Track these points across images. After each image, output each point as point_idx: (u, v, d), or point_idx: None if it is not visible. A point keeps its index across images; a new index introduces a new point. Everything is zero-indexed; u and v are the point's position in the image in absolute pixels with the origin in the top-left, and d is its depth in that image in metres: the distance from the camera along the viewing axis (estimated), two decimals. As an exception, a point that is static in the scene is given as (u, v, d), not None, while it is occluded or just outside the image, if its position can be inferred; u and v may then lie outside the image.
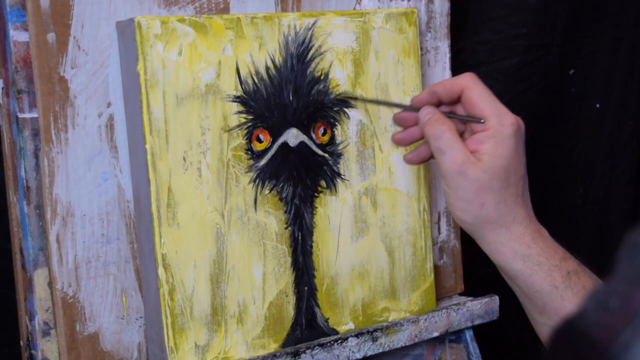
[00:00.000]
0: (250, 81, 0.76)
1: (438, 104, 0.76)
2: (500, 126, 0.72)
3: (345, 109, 0.82)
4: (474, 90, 0.74)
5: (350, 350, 0.81)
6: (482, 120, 0.73)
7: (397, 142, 0.79)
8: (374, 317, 0.85)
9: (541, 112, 1.07)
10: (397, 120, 0.79)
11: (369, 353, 0.83)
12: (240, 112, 0.76)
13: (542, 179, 1.09)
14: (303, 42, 0.79)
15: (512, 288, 0.79)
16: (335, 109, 0.81)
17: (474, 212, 0.73)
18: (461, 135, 0.76)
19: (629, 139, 1.12)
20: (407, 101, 0.83)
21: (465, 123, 0.75)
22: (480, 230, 0.74)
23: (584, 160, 1.10)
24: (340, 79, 0.82)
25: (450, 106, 0.77)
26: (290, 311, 0.80)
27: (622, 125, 1.11)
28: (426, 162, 0.80)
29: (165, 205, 0.72)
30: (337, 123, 0.82)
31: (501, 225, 0.73)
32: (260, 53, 0.77)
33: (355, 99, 0.81)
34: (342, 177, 0.82)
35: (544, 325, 0.76)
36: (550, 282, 0.73)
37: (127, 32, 0.72)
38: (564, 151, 1.10)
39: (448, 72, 0.94)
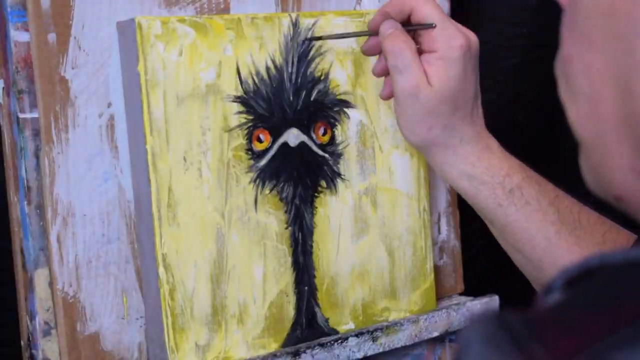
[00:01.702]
0: (250, 81, 0.77)
1: None
2: (448, 48, 0.72)
3: (346, 109, 0.82)
4: (424, 10, 0.73)
5: (350, 350, 0.81)
6: (433, 25, 0.72)
7: (365, 51, 0.78)
8: (374, 317, 0.85)
9: (541, 112, 1.07)
10: (366, 52, 0.78)
11: (369, 353, 0.83)
12: (240, 112, 0.76)
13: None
14: (303, 42, 0.79)
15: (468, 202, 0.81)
16: (335, 109, 0.82)
17: (421, 134, 0.73)
18: None
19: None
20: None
21: (416, 38, 0.74)
22: (428, 150, 0.75)
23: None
24: (341, 79, 0.82)
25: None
26: (290, 311, 0.80)
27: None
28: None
29: (165, 205, 0.72)
30: (337, 123, 0.82)
31: (448, 147, 0.74)
32: (260, 53, 0.77)
33: (320, 38, 0.79)
34: (342, 177, 0.82)
35: (497, 237, 0.78)
36: (494, 200, 0.75)
37: (128, 32, 0.72)
38: (564, 151, 1.10)
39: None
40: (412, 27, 0.73)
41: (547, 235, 0.75)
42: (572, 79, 0.43)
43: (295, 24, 0.79)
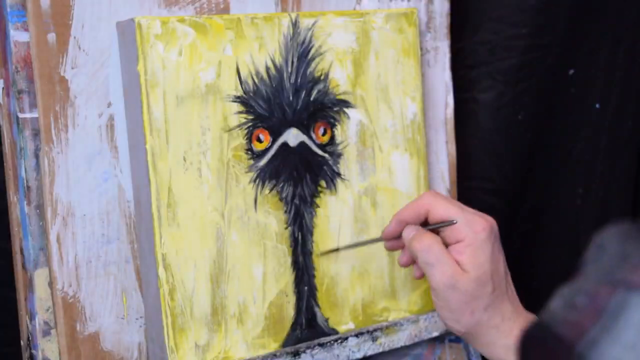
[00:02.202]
0: (250, 81, 0.77)
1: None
2: (473, 234, 0.74)
3: (345, 109, 0.82)
4: (439, 208, 0.76)
5: (350, 350, 0.81)
6: (455, 221, 0.75)
7: (388, 248, 0.81)
8: (374, 317, 0.85)
9: (541, 112, 1.07)
10: (389, 248, 0.81)
11: (369, 353, 0.83)
12: (240, 112, 0.76)
13: (541, 179, 1.09)
14: (303, 42, 0.79)
15: None
16: (335, 109, 0.82)
17: (465, 320, 0.76)
18: None
19: (629, 139, 1.12)
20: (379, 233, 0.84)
21: (439, 233, 0.77)
22: (472, 335, 0.77)
23: (583, 160, 1.10)
24: (340, 79, 0.82)
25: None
26: (290, 311, 0.80)
27: (622, 125, 1.11)
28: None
29: (165, 205, 0.72)
30: (337, 123, 0.82)
31: (491, 327, 0.76)
32: (260, 53, 0.77)
33: (337, 250, 0.82)
34: (342, 177, 0.82)
35: None
36: None
37: (128, 32, 0.72)
38: (563, 151, 1.10)
39: (448, 72, 0.94)
40: (434, 226, 0.76)
41: None
42: None
43: (295, 24, 0.79)
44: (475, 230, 0.75)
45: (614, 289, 0.38)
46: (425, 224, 0.77)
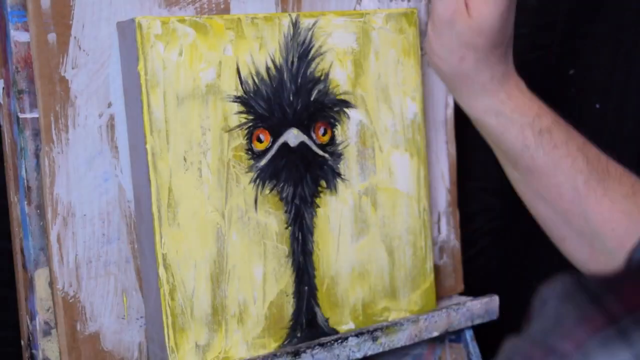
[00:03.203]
0: (250, 81, 0.77)
1: None
2: None
3: (346, 109, 0.82)
4: None
5: (350, 349, 0.81)
6: None
7: None
8: (374, 317, 0.85)
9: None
10: None
11: (369, 353, 0.83)
12: (240, 113, 0.76)
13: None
14: (303, 42, 0.79)
15: (487, 141, 0.76)
16: (335, 109, 0.82)
17: (452, 64, 0.71)
18: None
19: (629, 139, 1.12)
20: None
21: None
22: (455, 82, 0.72)
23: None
24: (341, 79, 0.82)
25: None
26: (290, 311, 0.80)
27: (622, 125, 1.11)
28: None
29: (165, 205, 0.72)
30: (337, 123, 0.82)
31: (476, 82, 0.71)
32: (260, 53, 0.77)
33: None
34: (342, 177, 0.82)
35: (518, 182, 0.74)
36: (522, 140, 0.71)
37: (128, 32, 0.72)
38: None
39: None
40: None
41: (575, 185, 0.71)
42: None
43: (295, 24, 0.79)
44: None
45: (546, 356, 0.37)
46: None
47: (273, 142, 0.78)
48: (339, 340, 0.81)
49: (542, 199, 0.72)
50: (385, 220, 0.85)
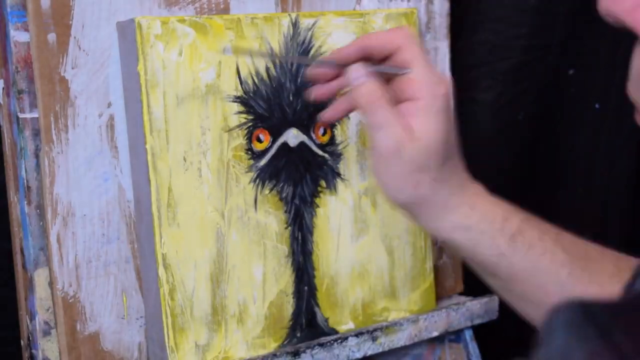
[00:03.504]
0: (250, 81, 0.77)
1: (363, 59, 0.69)
2: (433, 99, 0.65)
3: (345, 109, 0.82)
4: (409, 52, 0.67)
5: (350, 349, 0.82)
6: (408, 70, 0.66)
7: (315, 97, 0.72)
8: (374, 317, 0.85)
9: (541, 112, 1.07)
10: (312, 76, 0.71)
11: (369, 352, 0.83)
12: (240, 112, 0.76)
13: (541, 179, 1.09)
14: (303, 42, 0.79)
15: (458, 255, 0.73)
16: (335, 109, 0.82)
17: (408, 192, 0.66)
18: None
19: (629, 139, 1.12)
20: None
21: (389, 81, 0.68)
22: (414, 209, 0.68)
23: (583, 160, 1.10)
24: (340, 79, 0.82)
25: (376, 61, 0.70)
26: (290, 311, 0.80)
27: (622, 125, 1.11)
28: (344, 117, 0.75)
29: (165, 205, 0.72)
30: (337, 123, 0.82)
31: (437, 203, 0.67)
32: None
33: (271, 55, 0.75)
34: (342, 177, 0.82)
35: (501, 289, 0.71)
36: (496, 249, 0.67)
37: (128, 32, 0.72)
38: (563, 151, 1.10)
39: (448, 73, 0.94)
40: (386, 69, 0.68)
41: (559, 279, 0.68)
42: None
43: (295, 24, 0.79)
44: (434, 92, 0.65)
45: None
46: (380, 61, 0.68)
47: (273, 142, 0.78)
48: (339, 340, 0.81)
49: (529, 302, 0.69)
50: (384, 220, 0.85)
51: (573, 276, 0.67)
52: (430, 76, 0.66)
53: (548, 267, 0.67)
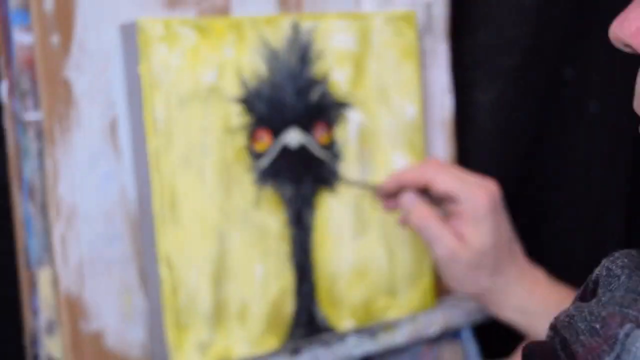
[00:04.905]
0: (251, 83, 0.77)
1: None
2: (473, 210, 0.75)
3: (345, 110, 0.83)
4: (440, 183, 0.77)
5: (349, 347, 0.82)
6: (454, 197, 0.77)
7: (385, 208, 0.83)
8: (374, 315, 0.85)
9: (540, 113, 1.08)
10: (386, 207, 0.83)
11: (368, 350, 0.84)
12: (241, 113, 0.77)
13: (540, 180, 1.10)
14: (304, 44, 0.80)
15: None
16: (335, 110, 0.82)
17: (468, 287, 0.77)
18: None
19: (628, 140, 1.12)
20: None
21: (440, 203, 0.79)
22: (480, 298, 0.78)
23: (582, 161, 1.11)
24: (341, 81, 0.82)
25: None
26: (290, 309, 0.80)
27: (621, 127, 1.11)
28: None
29: (167, 205, 0.73)
30: (337, 124, 0.83)
31: (496, 291, 0.77)
32: (261, 55, 0.78)
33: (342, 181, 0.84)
34: (342, 177, 0.83)
35: None
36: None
37: (130, 34, 0.73)
38: (563, 151, 1.10)
39: (447, 73, 0.94)
40: (432, 198, 0.79)
41: None
42: None
43: (295, 26, 0.79)
44: (476, 205, 0.75)
45: (622, 323, 0.38)
46: (425, 190, 0.79)
47: (274, 143, 0.79)
48: (339, 338, 0.81)
49: None
50: (384, 220, 0.86)
51: None
52: (467, 191, 0.76)
53: None
